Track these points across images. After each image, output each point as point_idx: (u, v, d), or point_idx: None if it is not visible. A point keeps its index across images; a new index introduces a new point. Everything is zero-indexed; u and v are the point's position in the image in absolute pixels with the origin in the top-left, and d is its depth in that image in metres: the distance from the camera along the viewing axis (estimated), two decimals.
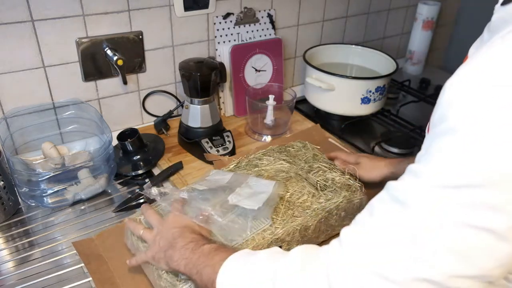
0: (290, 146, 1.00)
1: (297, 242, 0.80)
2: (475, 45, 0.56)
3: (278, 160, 0.93)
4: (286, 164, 0.92)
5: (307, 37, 1.45)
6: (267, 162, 0.93)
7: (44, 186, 0.95)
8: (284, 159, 0.94)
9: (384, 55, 1.38)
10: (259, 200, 0.75)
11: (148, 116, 1.25)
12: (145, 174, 1.08)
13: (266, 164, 0.92)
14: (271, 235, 0.75)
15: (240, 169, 0.92)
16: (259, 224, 0.77)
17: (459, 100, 0.43)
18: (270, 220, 0.77)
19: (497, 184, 0.41)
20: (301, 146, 1.01)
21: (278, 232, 0.76)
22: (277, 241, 0.76)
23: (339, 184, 0.87)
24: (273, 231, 0.76)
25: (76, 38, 1.05)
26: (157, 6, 1.12)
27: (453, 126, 0.43)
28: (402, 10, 1.68)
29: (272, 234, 0.75)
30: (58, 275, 0.81)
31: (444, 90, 0.45)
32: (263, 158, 0.95)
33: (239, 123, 1.29)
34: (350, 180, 0.89)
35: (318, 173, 0.90)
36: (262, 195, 0.76)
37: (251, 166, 0.93)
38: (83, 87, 1.11)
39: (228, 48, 1.24)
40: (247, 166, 0.93)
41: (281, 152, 0.97)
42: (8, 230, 0.92)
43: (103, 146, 0.97)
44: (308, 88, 1.34)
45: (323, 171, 0.91)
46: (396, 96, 1.50)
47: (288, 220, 0.78)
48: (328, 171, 0.91)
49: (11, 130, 1.04)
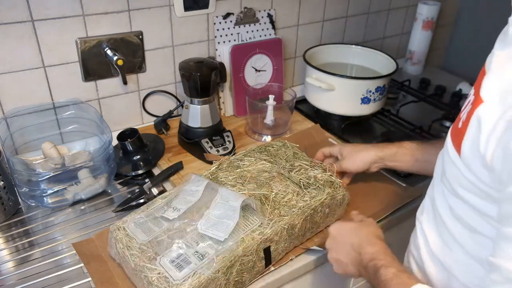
0: (269, 146, 1.00)
1: (284, 241, 0.81)
2: (494, 59, 0.54)
3: (260, 160, 0.93)
4: (267, 163, 0.92)
5: (307, 37, 1.45)
6: (248, 163, 0.93)
7: (44, 186, 0.94)
8: (265, 159, 0.94)
9: (384, 55, 1.38)
10: (226, 229, 0.74)
11: (148, 116, 1.25)
12: (145, 174, 1.08)
13: (248, 165, 0.92)
14: (260, 235, 0.76)
15: (222, 171, 0.91)
16: (249, 224, 0.77)
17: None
18: (259, 221, 0.78)
19: None
20: (281, 145, 1.01)
21: (267, 232, 0.76)
22: (266, 241, 0.76)
23: (321, 182, 0.88)
24: (262, 231, 0.76)
25: (76, 38, 1.05)
26: (157, 6, 1.12)
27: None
28: (402, 10, 1.68)
29: (262, 235, 0.76)
30: (58, 275, 0.81)
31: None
32: (244, 159, 0.94)
33: (239, 123, 1.29)
34: (332, 176, 0.90)
35: (300, 171, 0.91)
36: (229, 222, 0.75)
37: (233, 167, 0.92)
38: (83, 87, 1.11)
39: (228, 48, 1.24)
40: (228, 168, 0.92)
41: (261, 152, 0.97)
42: (8, 230, 0.92)
43: (103, 146, 0.97)
44: (308, 88, 1.34)
45: (304, 169, 0.91)
46: (396, 96, 1.50)
47: (275, 219, 0.79)
48: (309, 168, 0.91)
49: (11, 130, 1.04)
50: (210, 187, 0.83)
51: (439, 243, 0.64)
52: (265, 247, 0.77)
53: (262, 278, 0.81)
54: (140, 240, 0.75)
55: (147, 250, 0.73)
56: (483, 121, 0.50)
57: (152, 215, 0.80)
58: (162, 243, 0.74)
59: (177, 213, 0.78)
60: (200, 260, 0.70)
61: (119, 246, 0.76)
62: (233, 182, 0.87)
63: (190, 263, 0.70)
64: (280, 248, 0.81)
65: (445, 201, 0.62)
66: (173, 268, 0.69)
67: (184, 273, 0.68)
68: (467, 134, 0.54)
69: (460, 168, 0.56)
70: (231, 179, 0.88)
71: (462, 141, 0.55)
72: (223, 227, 0.74)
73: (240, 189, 0.85)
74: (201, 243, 0.73)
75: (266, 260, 0.79)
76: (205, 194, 0.81)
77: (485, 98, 0.51)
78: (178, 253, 0.71)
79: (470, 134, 0.53)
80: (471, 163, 0.53)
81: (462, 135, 0.55)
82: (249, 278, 0.78)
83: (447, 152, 0.60)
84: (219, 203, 0.79)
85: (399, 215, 0.98)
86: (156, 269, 0.69)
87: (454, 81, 1.59)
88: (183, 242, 0.73)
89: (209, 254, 0.71)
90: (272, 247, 0.79)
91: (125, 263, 0.76)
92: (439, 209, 0.63)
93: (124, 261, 0.76)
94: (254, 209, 0.79)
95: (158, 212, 0.80)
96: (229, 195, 0.79)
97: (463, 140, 0.54)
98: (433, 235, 0.66)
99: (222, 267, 0.70)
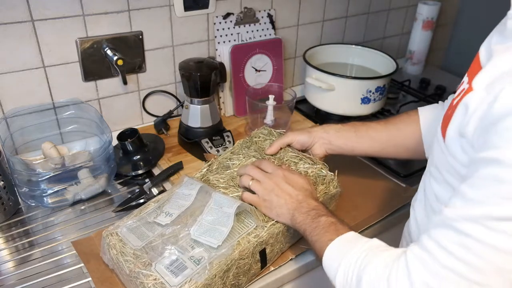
0: (255, 136, 0.97)
1: (280, 242, 0.80)
2: (493, 53, 0.55)
3: (248, 158, 0.91)
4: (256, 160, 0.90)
5: (307, 37, 1.45)
6: (238, 162, 0.90)
7: (44, 186, 0.94)
8: (254, 155, 0.91)
9: (384, 55, 1.38)
10: (220, 236, 0.72)
11: (148, 116, 1.25)
12: (145, 174, 1.08)
13: (237, 164, 0.90)
14: (256, 238, 0.75)
15: (212, 173, 0.88)
16: (244, 227, 0.76)
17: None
18: (255, 223, 0.77)
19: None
20: (267, 133, 0.98)
21: (262, 235, 0.75)
22: (261, 243, 0.76)
23: (313, 178, 0.86)
24: (258, 234, 0.75)
25: (76, 38, 1.05)
26: (157, 6, 1.12)
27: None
28: (402, 10, 1.68)
29: (257, 237, 0.75)
30: (58, 275, 0.81)
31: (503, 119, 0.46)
32: (233, 158, 0.92)
33: (239, 123, 1.29)
34: (323, 170, 0.87)
35: (290, 167, 0.88)
36: (223, 229, 0.73)
37: (223, 168, 0.89)
38: (83, 87, 1.11)
39: (228, 48, 1.24)
40: (218, 169, 0.89)
41: (249, 147, 0.94)
42: (8, 230, 0.92)
43: (103, 146, 0.97)
44: (308, 88, 1.34)
45: (294, 163, 0.89)
46: (396, 96, 1.50)
47: (271, 221, 0.78)
48: (298, 162, 0.88)
49: (11, 130, 1.04)
50: (204, 191, 0.81)
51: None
52: (261, 249, 0.76)
53: (262, 278, 0.81)
54: (134, 245, 0.73)
55: (142, 256, 0.71)
56: (470, 107, 0.52)
57: (145, 219, 0.79)
58: (156, 248, 0.72)
59: (170, 218, 0.77)
60: (196, 265, 0.69)
61: (113, 252, 0.74)
62: (225, 184, 0.85)
63: (186, 268, 0.68)
64: (276, 250, 0.81)
65: (432, 190, 0.64)
66: (169, 273, 0.68)
67: (180, 279, 0.67)
68: (453, 119, 0.56)
69: (444, 152, 0.58)
70: (222, 182, 0.86)
71: (448, 125, 0.57)
72: (216, 233, 0.72)
73: (233, 191, 0.83)
74: (197, 248, 0.72)
75: (262, 262, 0.78)
76: (198, 198, 0.80)
77: (475, 87, 0.53)
78: (174, 259, 0.70)
79: (456, 119, 0.55)
80: (453, 146, 0.56)
81: (449, 120, 0.57)
82: (245, 281, 0.77)
83: (437, 139, 0.62)
84: (213, 208, 0.77)
85: (399, 215, 0.98)
86: (152, 275, 0.68)
87: (454, 81, 1.58)
88: (178, 247, 0.72)
89: (205, 259, 0.70)
90: (268, 249, 0.78)
91: (119, 269, 0.74)
92: (429, 196, 0.66)
93: (118, 267, 0.74)
94: (249, 212, 0.78)
95: (151, 217, 0.79)
96: (223, 200, 0.77)
97: (448, 124, 0.57)
98: (424, 221, 0.68)
99: (218, 272, 0.69)
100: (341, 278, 0.61)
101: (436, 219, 0.53)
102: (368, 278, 0.56)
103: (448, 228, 0.50)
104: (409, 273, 0.52)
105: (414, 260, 0.53)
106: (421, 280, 0.51)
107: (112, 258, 0.74)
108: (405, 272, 0.52)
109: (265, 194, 0.79)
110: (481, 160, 0.48)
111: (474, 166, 0.49)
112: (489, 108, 0.48)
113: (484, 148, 0.48)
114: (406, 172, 1.09)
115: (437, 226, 0.52)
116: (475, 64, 0.57)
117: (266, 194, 0.79)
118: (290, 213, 0.76)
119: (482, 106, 0.50)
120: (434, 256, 0.51)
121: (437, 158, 0.62)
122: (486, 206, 0.46)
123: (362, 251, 0.60)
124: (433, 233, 0.52)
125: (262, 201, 0.79)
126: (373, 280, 0.55)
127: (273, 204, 0.78)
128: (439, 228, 0.52)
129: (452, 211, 0.50)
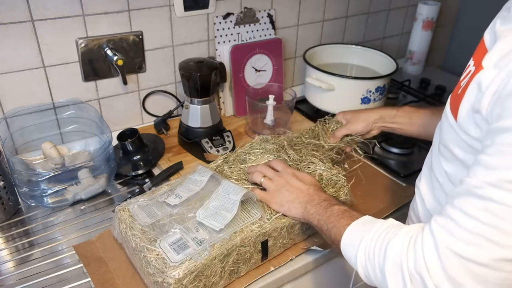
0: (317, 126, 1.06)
1: (283, 238, 0.82)
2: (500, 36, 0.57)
3: (265, 154, 0.93)
4: (272, 157, 0.92)
5: (307, 37, 1.45)
6: (254, 158, 0.93)
7: (44, 186, 0.94)
8: (270, 152, 0.94)
9: (384, 55, 1.38)
10: (223, 220, 0.76)
11: (148, 116, 1.25)
12: (145, 174, 1.08)
13: (253, 160, 0.93)
14: (259, 228, 0.77)
15: (228, 164, 0.93)
16: (249, 217, 0.79)
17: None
18: (260, 214, 0.79)
19: None
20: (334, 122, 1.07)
21: (266, 226, 0.78)
22: (264, 234, 0.78)
23: (325, 180, 0.88)
24: (261, 225, 0.77)
25: (76, 38, 1.05)
26: (157, 6, 1.12)
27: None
28: (402, 10, 1.68)
29: (260, 228, 0.77)
30: (58, 275, 0.81)
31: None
32: (250, 152, 0.95)
33: (239, 123, 1.29)
34: (337, 175, 0.89)
35: (308, 166, 0.91)
36: (227, 214, 0.77)
37: (238, 161, 0.93)
38: (83, 87, 1.11)
39: (228, 48, 1.24)
40: (234, 162, 0.93)
41: (268, 141, 0.98)
42: (8, 230, 0.92)
43: (103, 146, 0.97)
44: (308, 88, 1.34)
45: (312, 163, 0.91)
46: (396, 96, 1.50)
47: (276, 215, 0.80)
48: (317, 164, 0.91)
49: (11, 130, 1.04)
50: (214, 179, 0.85)
51: (434, 203, 0.69)
52: (263, 240, 0.78)
53: (262, 278, 0.81)
54: (142, 222, 0.77)
55: (149, 232, 0.75)
56: (483, 84, 0.54)
57: (156, 199, 0.83)
58: (163, 226, 0.76)
59: (179, 200, 0.81)
60: (198, 245, 0.72)
61: (122, 226, 0.78)
62: (237, 177, 0.89)
63: (188, 248, 0.72)
64: (279, 244, 0.82)
65: (441, 167, 0.66)
66: (171, 250, 0.71)
67: (181, 257, 0.70)
68: (465, 97, 0.58)
69: (457, 131, 0.60)
70: (235, 174, 0.90)
71: (460, 104, 0.59)
72: (220, 218, 0.76)
73: (245, 183, 0.87)
74: (201, 230, 0.75)
75: (263, 253, 0.80)
76: (209, 185, 0.84)
77: (485, 66, 0.55)
78: (178, 237, 0.73)
79: (468, 97, 0.57)
80: (466, 123, 0.57)
81: (460, 100, 0.59)
82: (244, 269, 0.79)
83: (446, 119, 0.64)
84: (220, 195, 0.81)
85: (399, 215, 0.98)
86: (155, 250, 0.71)
87: (454, 81, 1.57)
88: (183, 227, 0.75)
89: (206, 241, 0.73)
90: (270, 242, 0.80)
91: (126, 243, 0.78)
92: (437, 175, 0.68)
93: (125, 241, 0.78)
94: (255, 203, 0.80)
95: (162, 197, 0.83)
96: (230, 188, 0.81)
97: (460, 103, 0.58)
98: (429, 196, 0.71)
99: (219, 255, 0.72)
100: (363, 256, 0.62)
101: (457, 189, 0.54)
102: (393, 250, 0.57)
103: (472, 195, 0.51)
104: (435, 241, 0.53)
105: (438, 229, 0.54)
106: (447, 246, 0.52)
107: (121, 232, 0.78)
108: (431, 239, 0.53)
109: (276, 190, 0.82)
110: (498, 129, 0.50)
111: (490, 137, 0.51)
112: (503, 82, 0.50)
113: (500, 118, 0.49)
114: (406, 172, 1.09)
115: (460, 195, 0.53)
116: (480, 48, 0.60)
117: (278, 190, 0.82)
118: (303, 206, 0.79)
119: (496, 81, 0.51)
120: (458, 223, 0.52)
121: (447, 137, 0.64)
122: (507, 170, 0.48)
123: (383, 229, 0.62)
124: (456, 202, 0.53)
125: (273, 197, 0.82)
126: (400, 251, 0.56)
127: (284, 199, 0.81)
128: (463, 196, 0.52)
129: (474, 180, 0.51)
